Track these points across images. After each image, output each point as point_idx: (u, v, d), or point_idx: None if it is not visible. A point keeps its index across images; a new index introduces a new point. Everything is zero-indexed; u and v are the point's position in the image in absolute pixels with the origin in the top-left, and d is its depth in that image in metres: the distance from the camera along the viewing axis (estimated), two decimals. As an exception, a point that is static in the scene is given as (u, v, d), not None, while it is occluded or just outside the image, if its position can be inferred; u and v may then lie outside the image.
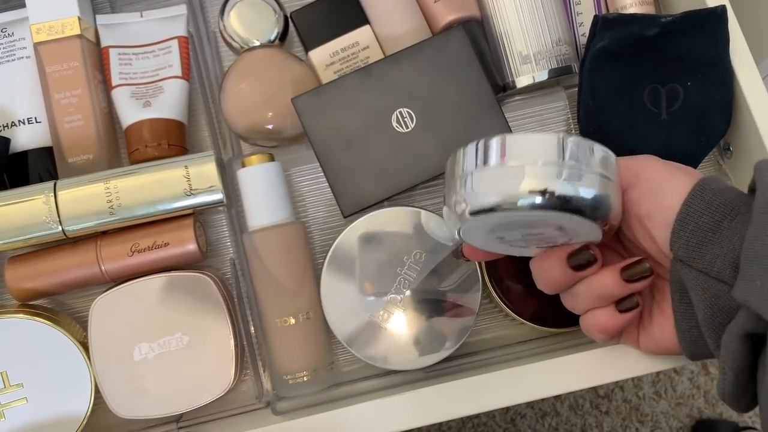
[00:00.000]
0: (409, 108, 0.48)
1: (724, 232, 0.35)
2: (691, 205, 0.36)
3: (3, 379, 0.46)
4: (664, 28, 0.47)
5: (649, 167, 0.39)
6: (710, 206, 0.36)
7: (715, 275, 0.35)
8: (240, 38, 0.52)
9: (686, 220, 0.36)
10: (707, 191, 0.36)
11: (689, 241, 0.36)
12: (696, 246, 0.35)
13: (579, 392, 1.22)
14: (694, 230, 0.35)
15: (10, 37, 0.52)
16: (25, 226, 0.46)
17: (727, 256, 0.35)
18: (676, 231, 0.36)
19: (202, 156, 0.48)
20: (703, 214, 0.35)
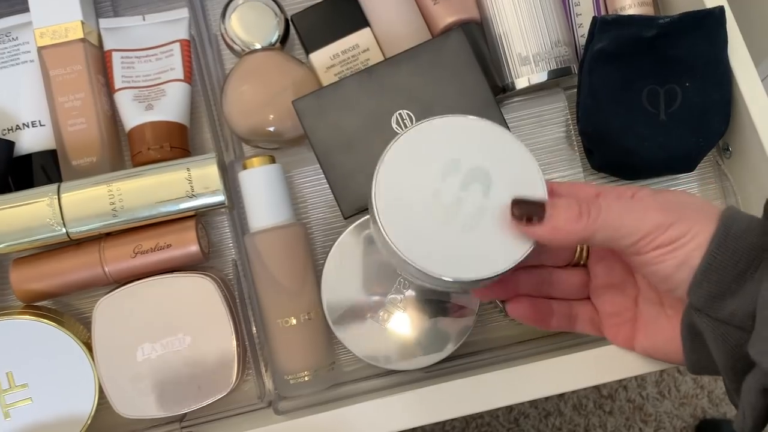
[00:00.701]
0: (409, 110, 0.48)
1: (747, 284, 0.33)
2: (715, 256, 0.34)
3: (8, 380, 0.46)
4: (662, 30, 0.47)
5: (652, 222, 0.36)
6: (734, 256, 0.33)
7: (736, 324, 0.34)
8: (241, 41, 0.52)
9: (709, 272, 0.34)
10: (730, 238, 0.34)
11: (711, 293, 0.34)
12: (717, 297, 0.34)
13: (582, 392, 1.22)
14: (717, 282, 0.34)
15: (15, 41, 0.53)
16: (30, 228, 0.47)
17: (749, 307, 0.33)
18: (697, 283, 0.34)
19: (203, 158, 0.48)
20: (727, 266, 0.33)
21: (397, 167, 0.37)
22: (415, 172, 0.37)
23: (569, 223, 0.35)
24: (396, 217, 0.36)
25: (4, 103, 0.52)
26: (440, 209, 0.37)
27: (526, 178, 0.38)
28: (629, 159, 0.49)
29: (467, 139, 0.38)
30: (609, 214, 0.35)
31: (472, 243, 0.36)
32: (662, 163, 0.50)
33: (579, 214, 0.35)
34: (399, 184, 0.37)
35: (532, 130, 0.52)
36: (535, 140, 0.52)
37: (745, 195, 0.51)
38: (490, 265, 0.36)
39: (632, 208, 0.35)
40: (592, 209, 0.35)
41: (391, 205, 0.36)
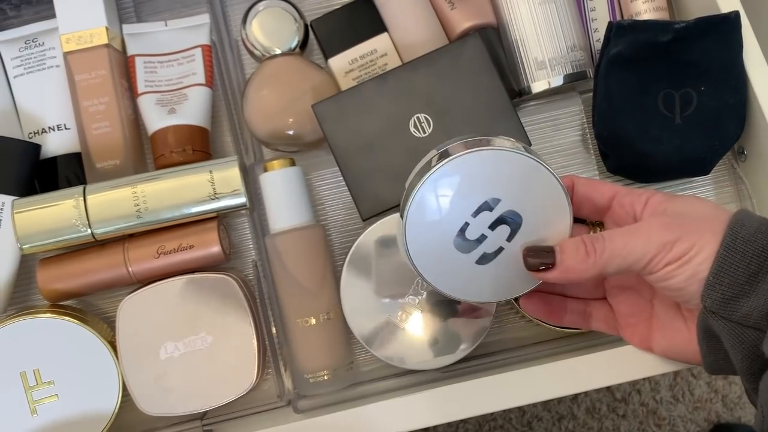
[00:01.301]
0: (427, 113, 0.49)
1: (760, 285, 0.34)
2: (725, 259, 0.35)
3: (35, 377, 0.47)
4: (677, 34, 0.48)
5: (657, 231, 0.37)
6: (745, 258, 0.34)
7: (752, 325, 0.34)
8: (262, 46, 0.53)
9: (721, 275, 0.35)
10: (739, 241, 0.35)
11: (724, 295, 0.35)
12: (731, 299, 0.35)
13: (596, 395, 1.22)
14: (729, 285, 0.35)
15: (41, 46, 0.54)
16: (56, 229, 0.48)
17: (764, 308, 0.34)
18: (709, 286, 0.35)
19: (225, 161, 0.49)
20: (738, 268, 0.34)
21: (437, 190, 0.39)
22: (452, 200, 0.39)
23: (579, 264, 0.37)
24: (421, 236, 0.39)
25: (31, 107, 0.54)
26: (463, 241, 0.40)
27: (553, 223, 0.40)
28: (644, 162, 0.50)
29: (508, 177, 0.39)
30: (614, 246, 0.36)
31: (482, 274, 0.40)
32: (677, 166, 0.50)
33: (586, 254, 0.37)
34: (433, 206, 0.39)
35: (548, 134, 0.53)
36: (551, 144, 0.53)
37: (760, 198, 0.51)
38: (494, 294, 0.41)
39: (635, 234, 0.37)
40: (596, 245, 0.37)
41: (419, 223, 0.39)
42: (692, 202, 0.38)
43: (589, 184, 0.42)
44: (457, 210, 0.39)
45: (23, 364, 0.47)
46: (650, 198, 0.39)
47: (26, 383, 0.47)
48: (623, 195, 0.41)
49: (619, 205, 0.41)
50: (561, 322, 0.45)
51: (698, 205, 0.38)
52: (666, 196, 0.39)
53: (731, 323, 0.35)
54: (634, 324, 0.43)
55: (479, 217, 0.39)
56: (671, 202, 0.38)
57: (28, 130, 0.53)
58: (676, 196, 0.39)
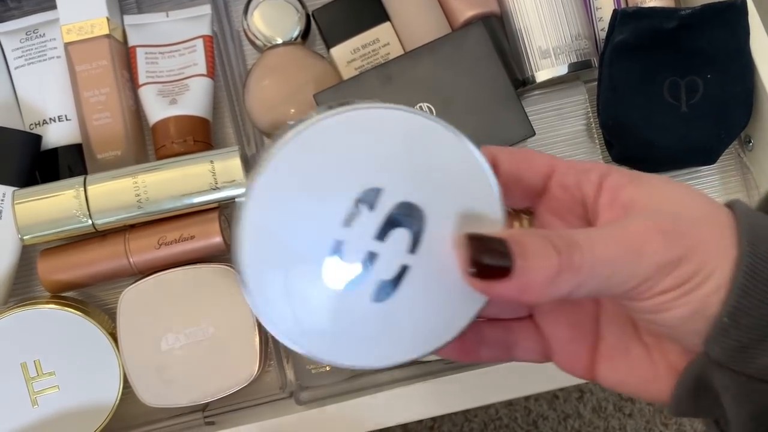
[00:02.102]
0: (430, 103, 0.48)
1: None
2: (746, 293, 0.25)
3: (36, 367, 0.47)
4: (683, 21, 0.47)
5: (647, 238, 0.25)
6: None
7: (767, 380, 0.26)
8: (263, 37, 0.53)
9: (738, 315, 0.25)
10: (761, 263, 0.25)
11: (740, 342, 0.25)
12: (746, 347, 0.25)
13: (602, 394, 1.22)
14: (748, 328, 0.25)
15: (42, 37, 0.54)
16: (57, 219, 0.48)
17: None
18: (722, 331, 0.25)
19: (226, 151, 0.49)
20: (760, 306, 0.25)
21: (278, 200, 0.24)
22: (306, 208, 0.24)
23: (544, 282, 0.24)
24: (272, 283, 0.24)
25: (32, 98, 0.53)
26: (341, 272, 0.24)
27: (475, 216, 0.26)
28: (650, 151, 0.49)
29: (391, 150, 0.25)
30: (594, 258, 0.24)
31: (387, 316, 0.25)
32: (683, 155, 0.50)
33: (558, 269, 0.24)
34: (279, 230, 0.24)
35: (553, 123, 0.53)
36: (556, 133, 0.52)
37: (767, 187, 0.51)
38: (415, 344, 0.25)
39: (624, 242, 0.25)
40: (573, 255, 0.24)
41: (266, 263, 0.24)
42: (671, 190, 0.27)
43: (518, 156, 0.29)
44: (318, 222, 0.24)
45: (24, 355, 0.47)
46: (604, 179, 0.28)
47: (27, 374, 0.47)
48: (564, 172, 0.29)
49: (560, 187, 0.29)
50: (477, 359, 0.31)
51: (684, 197, 0.27)
52: (626, 177, 0.27)
53: (742, 377, 0.26)
54: (574, 352, 0.31)
55: (356, 225, 0.24)
56: (637, 187, 0.27)
57: (29, 121, 0.53)
58: (639, 177, 0.27)
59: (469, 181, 0.25)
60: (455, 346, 0.28)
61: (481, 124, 0.48)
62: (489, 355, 0.31)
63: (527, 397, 1.12)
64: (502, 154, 0.29)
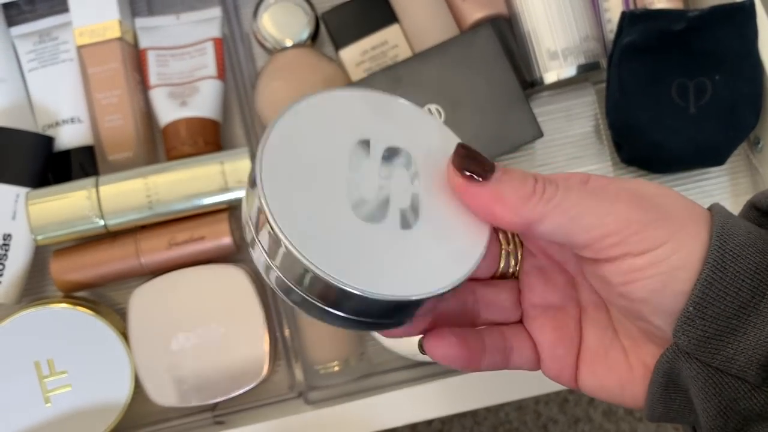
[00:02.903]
0: (438, 104, 0.49)
1: (750, 319, 0.25)
2: (713, 282, 0.25)
3: (49, 366, 0.48)
4: (691, 23, 0.47)
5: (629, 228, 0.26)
6: (736, 281, 0.25)
7: (735, 373, 0.26)
8: (273, 39, 0.53)
9: (705, 304, 0.25)
10: (728, 256, 0.25)
11: (705, 332, 0.25)
12: (713, 337, 0.26)
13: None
14: (714, 318, 0.25)
15: (55, 40, 0.55)
16: (70, 220, 0.48)
17: (755, 351, 0.25)
18: (688, 319, 0.25)
19: (236, 152, 0.49)
20: (727, 295, 0.25)
21: (290, 152, 0.26)
22: (314, 158, 0.27)
23: (517, 199, 0.26)
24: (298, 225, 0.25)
25: (45, 100, 0.54)
26: (362, 208, 0.27)
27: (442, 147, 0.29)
28: (658, 152, 0.49)
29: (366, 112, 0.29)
30: (567, 198, 0.26)
31: (408, 247, 0.26)
32: (692, 156, 0.50)
33: (532, 191, 0.26)
34: (294, 177, 0.26)
35: (561, 125, 0.53)
36: (564, 134, 0.52)
37: (777, 189, 0.50)
38: (449, 270, 0.26)
39: (597, 195, 0.26)
40: (548, 187, 0.27)
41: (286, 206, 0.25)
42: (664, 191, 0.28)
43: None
44: (328, 167, 0.27)
45: (37, 354, 0.48)
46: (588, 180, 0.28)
47: (40, 372, 0.48)
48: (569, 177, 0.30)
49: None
50: (477, 368, 0.31)
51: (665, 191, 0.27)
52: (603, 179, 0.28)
53: (709, 369, 0.26)
54: (559, 357, 0.31)
55: (360, 169, 0.27)
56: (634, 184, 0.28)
57: (42, 123, 0.54)
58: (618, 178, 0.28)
59: (429, 129, 0.30)
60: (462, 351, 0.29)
61: (489, 126, 0.49)
62: (490, 363, 0.31)
63: (537, 401, 1.12)
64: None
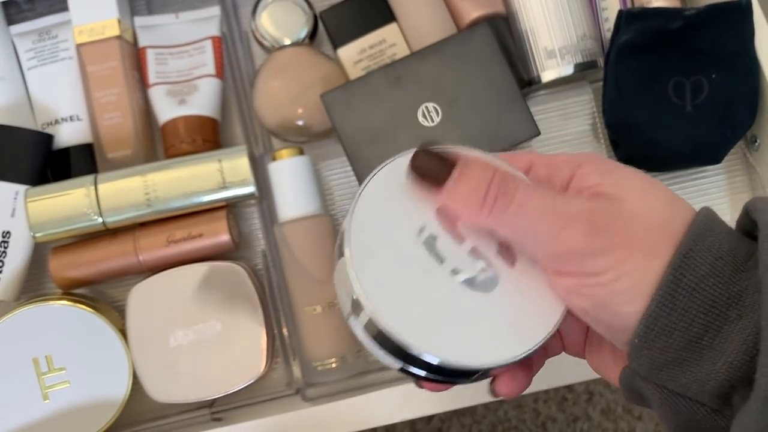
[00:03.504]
0: (435, 102, 0.49)
1: (704, 352, 0.24)
2: (658, 318, 0.24)
3: (47, 363, 0.48)
4: (688, 21, 0.47)
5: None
6: (685, 317, 0.24)
7: (691, 396, 0.25)
8: (271, 37, 0.53)
9: (650, 338, 0.25)
10: (681, 291, 0.24)
11: (654, 363, 0.25)
12: (663, 367, 0.25)
13: (611, 396, 1.21)
14: (661, 351, 0.25)
15: (54, 39, 0.55)
16: (68, 217, 0.48)
17: (708, 383, 0.24)
18: (635, 349, 0.25)
19: (234, 150, 0.50)
20: (674, 331, 0.24)
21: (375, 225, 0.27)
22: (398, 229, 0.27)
23: (467, 206, 0.27)
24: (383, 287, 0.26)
25: (44, 98, 0.54)
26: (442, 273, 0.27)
27: None
28: (655, 151, 0.49)
29: None
30: (521, 213, 0.26)
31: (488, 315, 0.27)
32: (688, 154, 0.50)
33: (483, 201, 0.26)
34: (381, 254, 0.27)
35: (558, 123, 0.53)
36: (561, 133, 0.53)
37: (773, 187, 0.51)
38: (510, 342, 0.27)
39: (552, 214, 0.26)
40: (500, 199, 0.26)
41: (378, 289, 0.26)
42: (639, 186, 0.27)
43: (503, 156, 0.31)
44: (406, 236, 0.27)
45: (36, 351, 0.48)
46: (577, 169, 0.28)
47: (38, 369, 0.48)
48: (540, 166, 0.30)
49: (535, 178, 0.30)
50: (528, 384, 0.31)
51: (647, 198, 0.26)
52: (598, 165, 0.28)
53: (665, 391, 0.26)
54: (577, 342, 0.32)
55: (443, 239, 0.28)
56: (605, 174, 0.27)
57: (41, 121, 0.54)
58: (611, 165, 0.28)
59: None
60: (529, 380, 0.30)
61: (486, 124, 0.49)
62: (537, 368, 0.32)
63: (536, 399, 1.12)
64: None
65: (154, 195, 0.49)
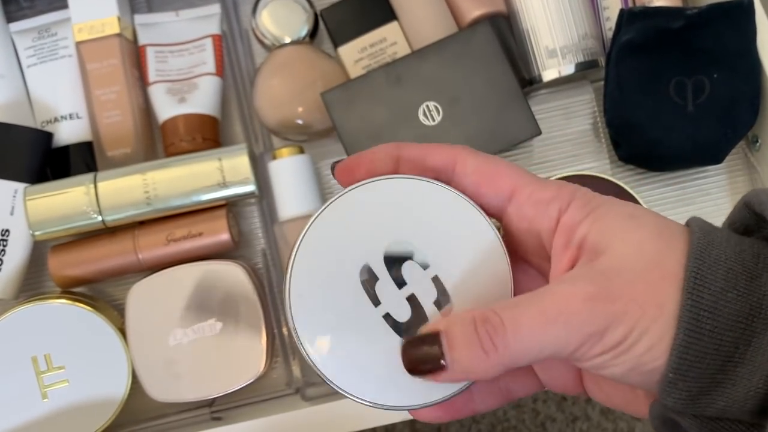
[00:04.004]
0: (436, 101, 0.49)
1: (738, 368, 0.24)
2: (689, 348, 0.24)
3: (46, 361, 0.48)
4: (689, 21, 0.47)
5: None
6: (714, 339, 0.24)
7: (732, 418, 0.25)
8: (272, 36, 0.53)
9: (684, 370, 0.24)
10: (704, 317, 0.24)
11: (690, 393, 0.25)
12: (699, 395, 0.25)
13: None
14: (696, 379, 0.24)
15: (54, 36, 0.55)
16: (67, 215, 0.48)
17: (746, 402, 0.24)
18: (669, 384, 0.25)
19: (235, 149, 0.50)
20: (706, 356, 0.24)
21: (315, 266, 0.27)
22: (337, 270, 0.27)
23: (478, 364, 0.25)
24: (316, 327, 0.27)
25: (44, 96, 0.54)
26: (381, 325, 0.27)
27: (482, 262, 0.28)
28: (656, 150, 0.49)
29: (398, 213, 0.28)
30: (521, 339, 0.25)
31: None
32: (689, 154, 0.50)
33: (484, 353, 0.25)
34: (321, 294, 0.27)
35: (559, 122, 0.53)
36: (562, 132, 0.52)
37: (774, 187, 0.50)
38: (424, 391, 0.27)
39: (548, 318, 0.25)
40: (495, 339, 0.25)
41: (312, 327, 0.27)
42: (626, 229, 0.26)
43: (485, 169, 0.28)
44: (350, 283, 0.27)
45: (34, 349, 0.48)
46: (563, 216, 0.27)
47: (37, 368, 0.48)
48: (523, 202, 0.28)
49: (517, 216, 0.28)
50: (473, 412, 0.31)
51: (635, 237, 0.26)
52: (584, 211, 0.26)
53: (703, 419, 0.25)
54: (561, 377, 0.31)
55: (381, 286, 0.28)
56: (593, 223, 0.26)
57: (40, 119, 0.54)
58: (597, 210, 0.26)
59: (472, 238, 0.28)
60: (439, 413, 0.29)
61: (487, 123, 0.49)
62: (485, 407, 0.31)
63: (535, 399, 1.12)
64: (469, 162, 0.28)
65: (154, 193, 0.48)
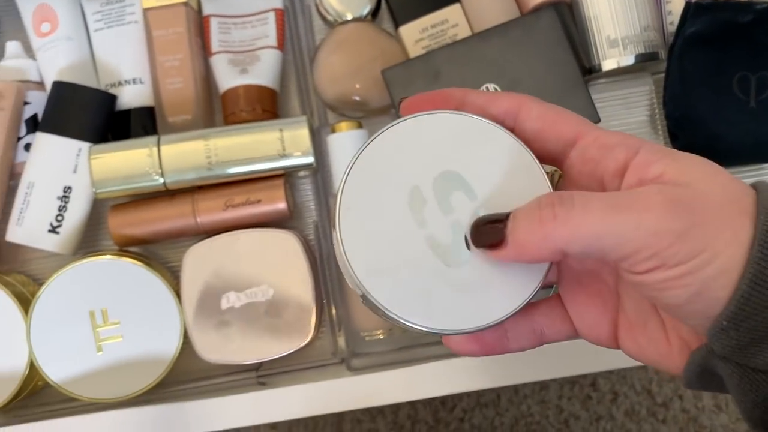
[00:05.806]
0: (496, 83, 0.49)
1: None
2: (750, 297, 0.23)
3: (103, 316, 0.49)
4: (758, 15, 0.47)
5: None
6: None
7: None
8: (335, 12, 0.54)
9: (740, 318, 0.24)
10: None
11: (740, 342, 0.24)
12: (750, 345, 0.25)
13: (636, 398, 1.20)
14: (750, 330, 0.24)
15: (122, 2, 0.56)
16: (130, 176, 0.50)
17: None
18: (722, 330, 0.24)
19: (295, 120, 0.50)
20: (764, 311, 0.24)
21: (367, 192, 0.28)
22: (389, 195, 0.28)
23: (533, 239, 0.25)
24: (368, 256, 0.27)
25: (109, 60, 0.55)
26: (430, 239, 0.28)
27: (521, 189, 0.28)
28: (715, 144, 0.49)
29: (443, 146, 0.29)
30: (586, 215, 0.24)
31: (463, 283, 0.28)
32: (749, 149, 0.49)
33: (540, 223, 0.25)
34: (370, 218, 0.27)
35: (617, 111, 0.53)
36: (620, 121, 0.52)
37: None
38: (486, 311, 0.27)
39: (623, 205, 0.24)
40: (559, 209, 0.24)
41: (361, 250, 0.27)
42: (702, 166, 0.25)
43: (548, 115, 0.28)
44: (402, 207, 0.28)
45: (92, 303, 0.49)
46: (632, 157, 0.26)
47: (94, 321, 0.49)
48: (588, 144, 0.27)
49: (581, 159, 0.28)
50: (505, 350, 0.31)
51: (711, 175, 0.25)
52: (659, 153, 0.26)
53: (746, 369, 0.25)
54: (596, 324, 0.30)
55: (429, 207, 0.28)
56: (671, 162, 0.25)
57: (105, 82, 0.55)
58: (673, 153, 0.26)
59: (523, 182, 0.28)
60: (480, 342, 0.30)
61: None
62: (518, 346, 0.31)
63: (560, 396, 1.12)
64: (534, 108, 0.28)
65: (216, 159, 0.49)
